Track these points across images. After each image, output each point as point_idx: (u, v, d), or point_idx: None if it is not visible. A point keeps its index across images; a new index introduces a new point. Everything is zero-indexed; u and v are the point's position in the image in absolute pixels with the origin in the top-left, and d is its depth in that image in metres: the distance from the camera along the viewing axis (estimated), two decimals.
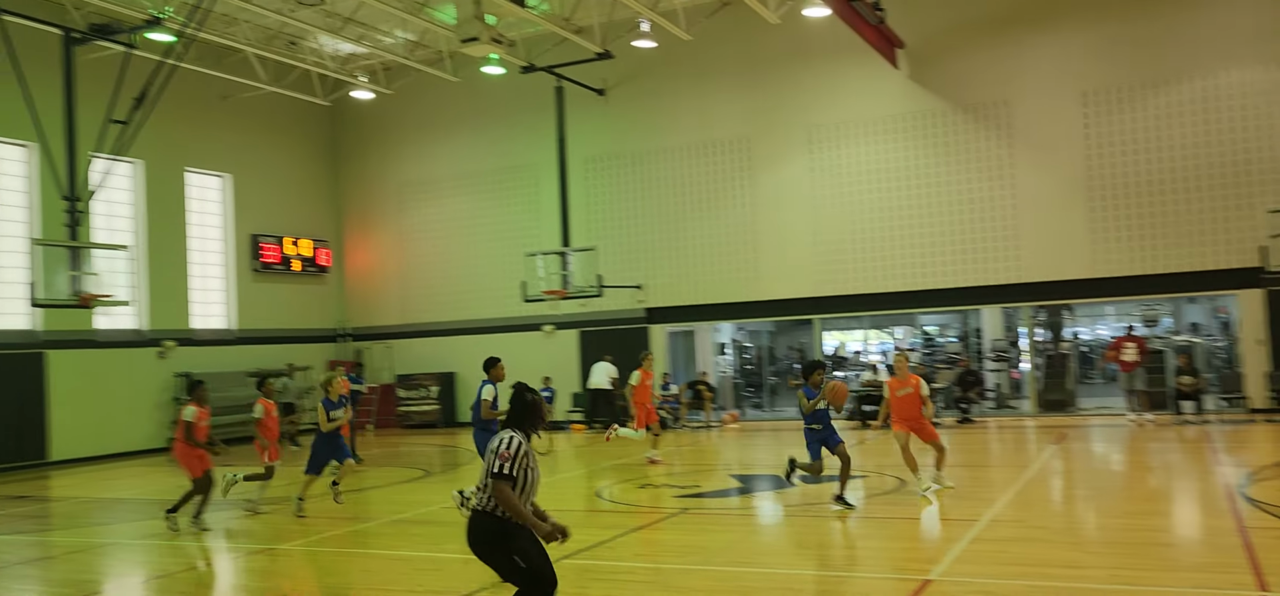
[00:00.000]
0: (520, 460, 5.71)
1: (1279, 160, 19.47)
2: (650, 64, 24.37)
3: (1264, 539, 8.68)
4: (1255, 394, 19.55)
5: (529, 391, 5.93)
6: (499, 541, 5.77)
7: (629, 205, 25.05)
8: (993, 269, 21.62)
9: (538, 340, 25.70)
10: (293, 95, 25.89)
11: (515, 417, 5.90)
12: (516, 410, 5.91)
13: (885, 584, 7.87)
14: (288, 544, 10.79)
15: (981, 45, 21.77)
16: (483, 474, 5.76)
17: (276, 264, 26.67)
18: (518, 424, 5.86)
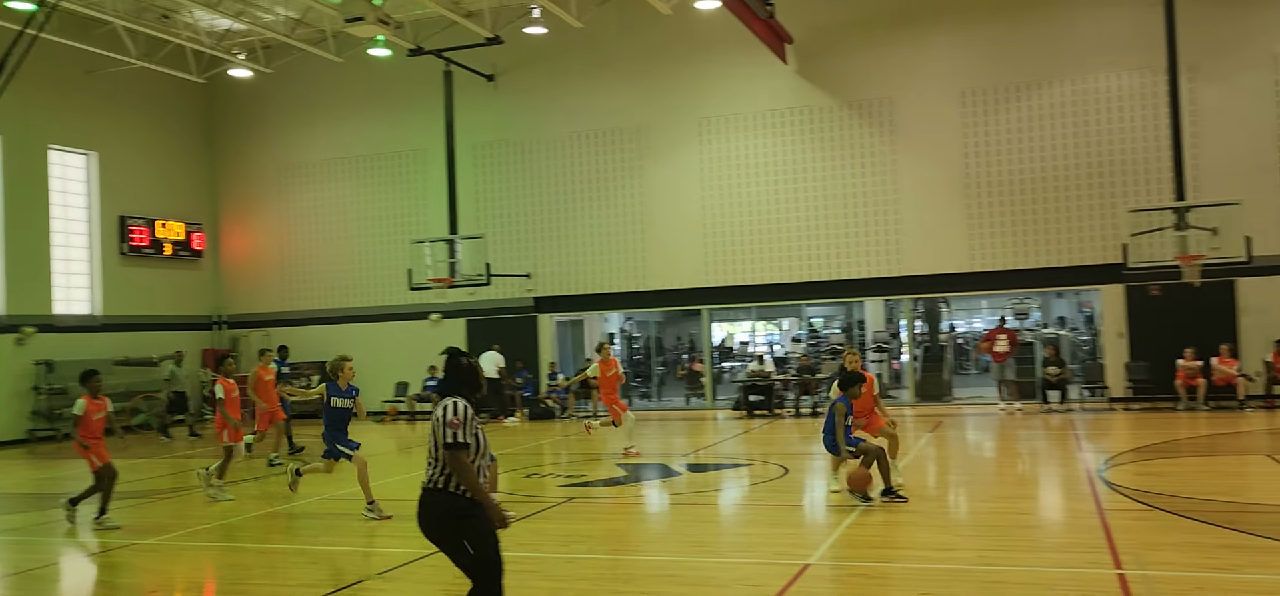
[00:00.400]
0: (470, 424, 5.41)
1: (1141, 162, 20.51)
2: (541, 51, 24.18)
3: (1120, 520, 9.11)
4: (1115, 384, 20.58)
5: (464, 355, 5.62)
6: (455, 520, 5.42)
7: (518, 193, 24.83)
8: (875, 262, 22.19)
9: (424, 329, 25.25)
10: (165, 71, 24.73)
11: (455, 384, 5.56)
12: (455, 376, 5.57)
13: (765, 569, 7.97)
14: (154, 538, 10.33)
15: (867, 43, 22.29)
16: (432, 449, 5.43)
17: (146, 247, 25.53)
18: (457, 390, 5.51)
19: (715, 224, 23.25)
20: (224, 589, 8.36)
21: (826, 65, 22.57)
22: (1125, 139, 20.64)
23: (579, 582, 7.76)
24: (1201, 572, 7.19)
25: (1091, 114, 20.85)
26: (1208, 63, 20.07)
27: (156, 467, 17.02)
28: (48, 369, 22.44)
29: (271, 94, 26.81)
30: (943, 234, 21.73)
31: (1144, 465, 12.75)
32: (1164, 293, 20.19)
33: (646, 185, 23.83)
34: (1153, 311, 20.44)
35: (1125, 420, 18.04)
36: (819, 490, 12.19)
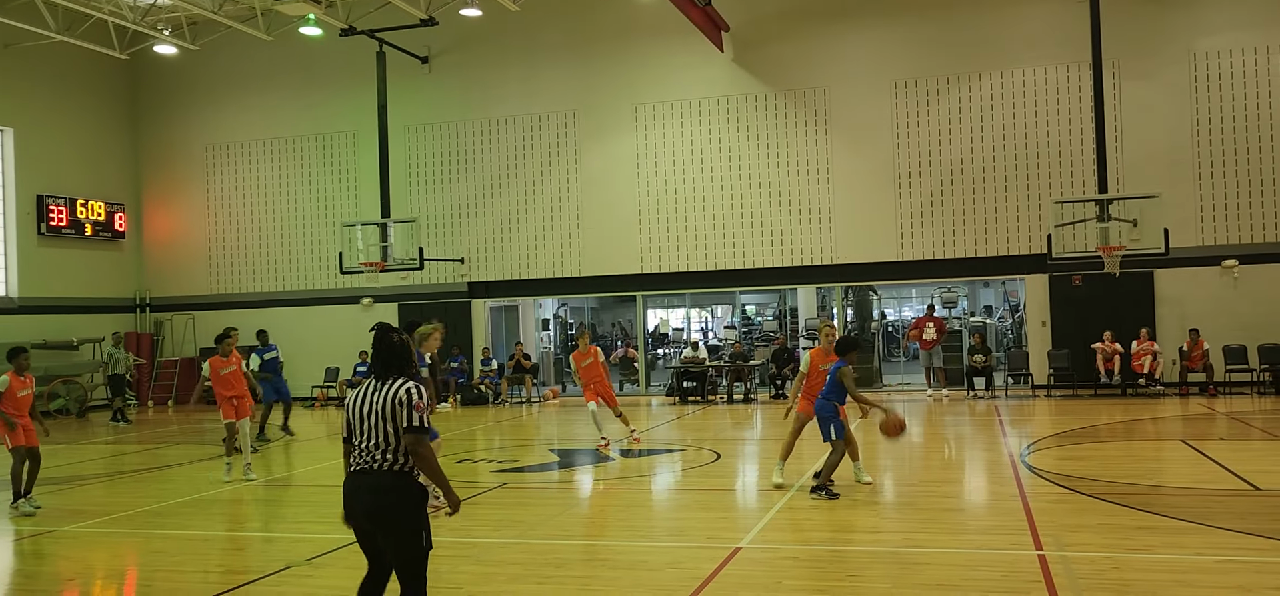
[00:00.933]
0: (430, 409, 5.22)
1: (1066, 154, 21.04)
2: (476, 33, 23.95)
3: (1041, 503, 9.37)
4: (1038, 371, 21.11)
5: (395, 331, 5.26)
6: (415, 510, 5.10)
7: (452, 177, 24.59)
8: (808, 250, 22.44)
9: (355, 313, 24.92)
10: (86, 46, 23.92)
11: (389, 362, 5.18)
12: (388, 354, 5.19)
13: (697, 552, 8.04)
14: (73, 525, 10.05)
15: (803, 33, 22.49)
16: (382, 433, 5.04)
17: (66, 228, 24.76)
18: (393, 370, 5.17)
19: (651, 210, 23.30)
20: (146, 576, 8.17)
21: (762, 54, 22.72)
22: (1051, 132, 21.16)
23: (511, 567, 7.75)
24: (1118, 553, 7.43)
25: (1019, 107, 21.33)
26: (1130, 59, 20.66)
27: (75, 453, 16.55)
28: None
29: (198, 72, 26.15)
30: (873, 223, 22.05)
31: (1065, 450, 13.11)
32: (1085, 283, 20.77)
33: (582, 171, 23.78)
34: (1075, 301, 21.01)
35: (1047, 406, 18.53)
36: (751, 475, 12.32)
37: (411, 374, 5.20)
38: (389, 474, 5.04)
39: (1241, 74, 20.24)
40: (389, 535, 5.07)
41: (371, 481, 5.03)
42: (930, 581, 6.94)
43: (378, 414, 5.06)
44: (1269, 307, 19.91)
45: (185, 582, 7.72)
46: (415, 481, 5.14)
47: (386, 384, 5.12)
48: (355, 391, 5.25)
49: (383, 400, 5.07)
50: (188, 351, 26.17)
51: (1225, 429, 14.84)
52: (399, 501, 5.06)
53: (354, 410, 5.16)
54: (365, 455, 5.08)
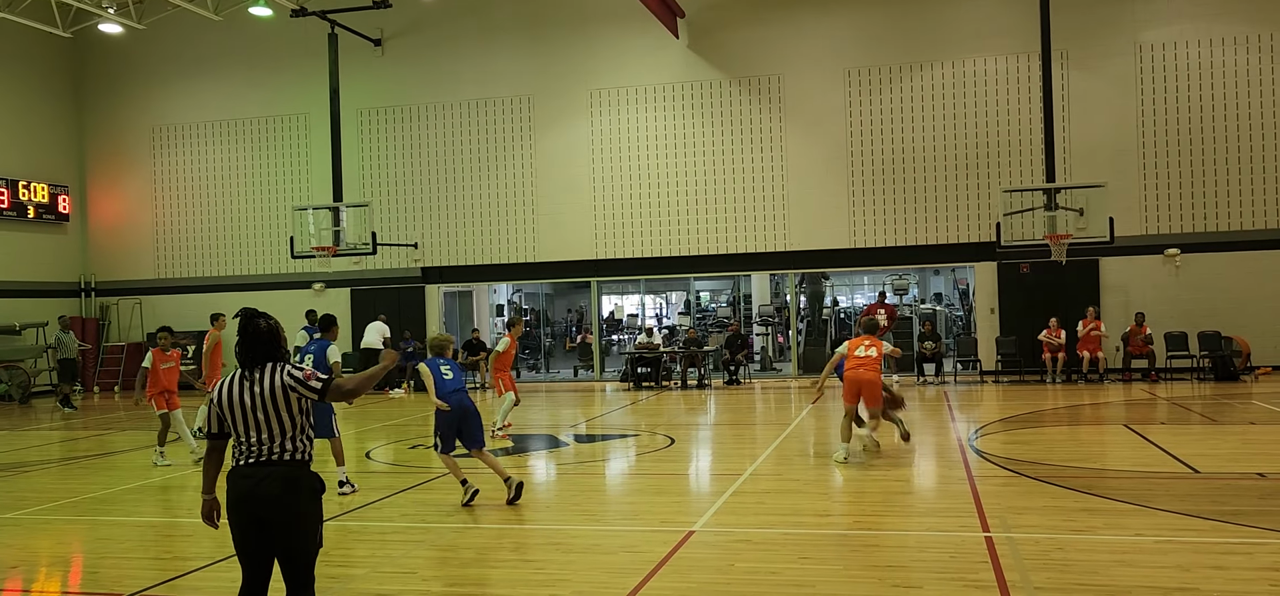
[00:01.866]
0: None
1: (1014, 143, 21.37)
2: (430, 16, 23.74)
3: (988, 486, 9.56)
4: (986, 357, 21.47)
5: (262, 316, 4.96)
6: (316, 501, 4.88)
7: (405, 161, 24.39)
8: (762, 237, 22.58)
9: (307, 298, 24.61)
10: (27, 23, 23.34)
11: (257, 351, 4.89)
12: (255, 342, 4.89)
13: (651, 536, 8.10)
14: (16, 511, 9.86)
15: (757, 19, 22.57)
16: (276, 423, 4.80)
17: (7, 210, 24.19)
18: (265, 357, 4.89)
19: (605, 196, 23.29)
20: (93, 563, 8.05)
21: (717, 41, 22.78)
22: (1001, 121, 21.48)
23: (466, 551, 7.75)
24: (1062, 534, 7.61)
25: (969, 96, 21.61)
26: (1077, 50, 21.02)
27: (20, 440, 16.21)
28: None
29: (145, 52, 25.64)
30: (826, 211, 22.25)
31: (1011, 434, 13.37)
32: (1033, 270, 21.15)
33: (537, 156, 23.70)
34: (1023, 288, 21.38)
35: (995, 392, 18.86)
36: (704, 460, 12.41)
37: (283, 357, 4.94)
38: (290, 463, 4.81)
39: (1185, 66, 20.69)
40: (292, 528, 4.79)
41: (272, 472, 4.77)
42: (880, 563, 7.06)
43: (265, 404, 4.79)
44: (1209, 295, 20.43)
45: (133, 569, 7.62)
46: (312, 472, 4.93)
47: (261, 373, 4.85)
48: (222, 384, 4.89)
49: (266, 390, 4.80)
50: (135, 337, 25.71)
51: (1166, 413, 15.23)
52: (303, 492, 4.83)
53: (227, 404, 4.83)
54: (257, 448, 4.80)
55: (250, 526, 4.78)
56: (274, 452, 4.80)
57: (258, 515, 4.75)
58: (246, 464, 4.82)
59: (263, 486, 4.75)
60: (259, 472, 4.78)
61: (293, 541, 4.81)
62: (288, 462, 4.82)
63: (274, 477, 4.77)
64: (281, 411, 4.81)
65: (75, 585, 7.51)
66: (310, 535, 4.87)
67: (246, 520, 4.77)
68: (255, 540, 4.80)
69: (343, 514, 9.32)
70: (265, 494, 4.74)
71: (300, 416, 4.87)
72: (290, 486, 4.79)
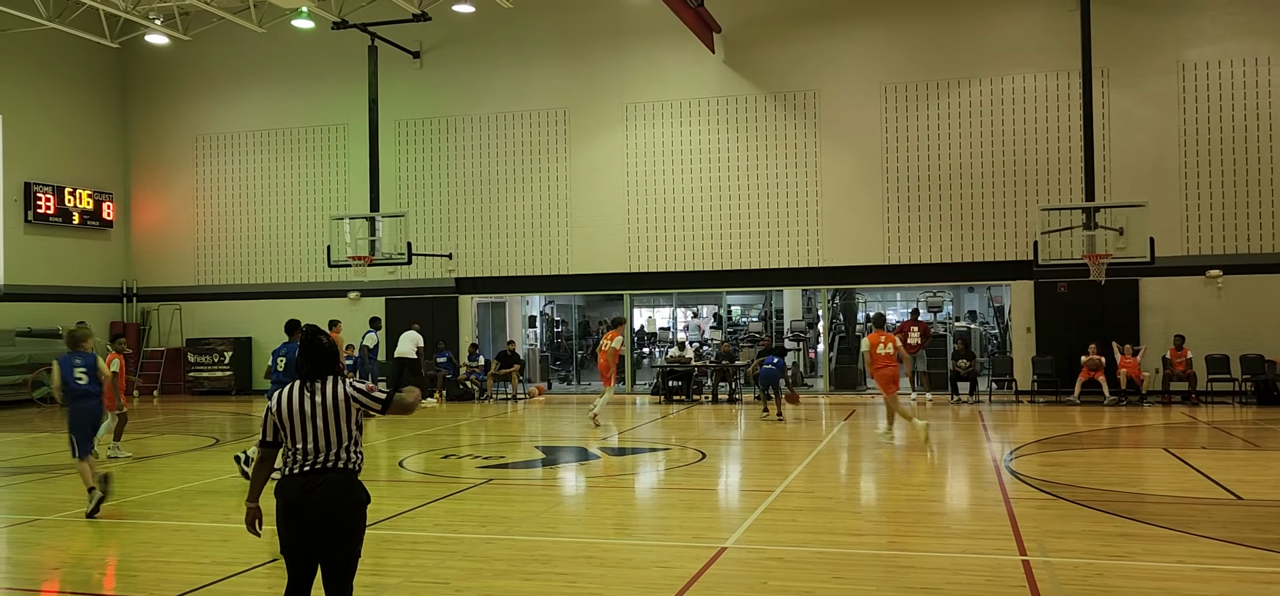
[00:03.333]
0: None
1: (1053, 161, 21.17)
2: (468, 29, 23.95)
3: (1024, 508, 9.45)
4: (1022, 377, 21.24)
5: (323, 333, 5.24)
6: (364, 510, 5.09)
7: (441, 172, 24.58)
8: (795, 252, 22.52)
9: (343, 307, 24.88)
10: (77, 34, 23.85)
11: (318, 365, 5.11)
12: (317, 357, 5.12)
13: (683, 551, 8.08)
14: (55, 514, 10.03)
15: (794, 35, 22.56)
16: (336, 432, 5.01)
17: (53, 216, 24.64)
18: (324, 371, 5.11)
19: (639, 209, 23.34)
20: (132, 566, 8.17)
21: (753, 56, 22.79)
22: (1039, 139, 21.29)
23: (497, 563, 7.77)
24: (1101, 560, 7.51)
25: (1007, 114, 21.45)
26: (1118, 68, 20.81)
27: (59, 441, 16.48)
28: None
29: (189, 62, 26.06)
30: (861, 226, 22.15)
31: (1048, 456, 13.22)
32: (1071, 290, 20.92)
33: (571, 168, 23.80)
34: (1060, 308, 21.15)
35: (1031, 412, 18.66)
36: (735, 475, 12.38)
37: (341, 371, 5.18)
38: (345, 471, 5.02)
39: (1229, 85, 20.41)
40: (341, 534, 4.99)
41: (327, 479, 4.96)
42: (915, 584, 7.00)
43: (327, 414, 5.00)
44: (1252, 317, 20.10)
45: (171, 573, 7.71)
46: (361, 482, 5.12)
47: (322, 385, 5.06)
48: (282, 394, 5.09)
49: (329, 401, 5.02)
50: (174, 342, 26.08)
51: (1207, 437, 14.99)
52: (357, 500, 5.05)
53: (289, 413, 5.03)
54: (315, 456, 4.98)
55: (301, 531, 4.95)
56: (329, 461, 4.98)
57: (310, 521, 4.93)
58: (300, 472, 4.98)
59: (317, 493, 4.93)
60: (314, 480, 4.95)
61: (339, 548, 4.99)
62: (341, 470, 5.00)
63: (329, 484, 4.95)
64: (341, 422, 5.02)
65: (113, 588, 7.62)
66: (356, 543, 5.05)
67: (299, 525, 4.95)
68: (304, 544, 4.97)
69: (375, 523, 9.38)
70: (319, 500, 4.93)
71: (356, 429, 5.09)
72: (343, 494, 4.99)
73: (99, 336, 24.75)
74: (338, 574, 5.01)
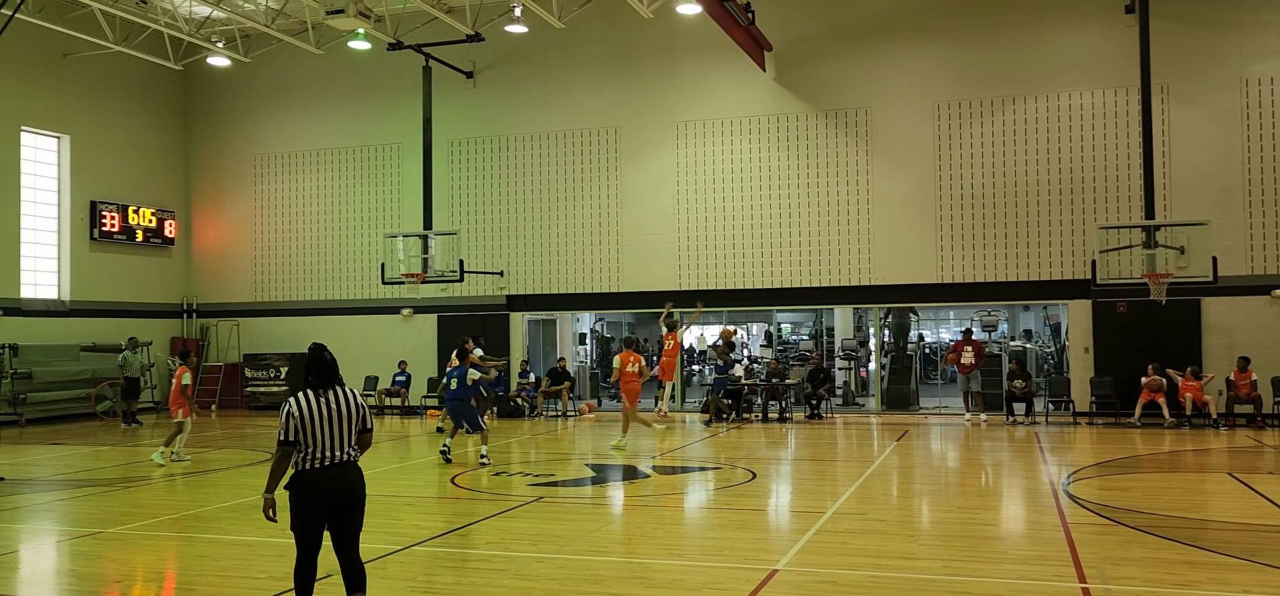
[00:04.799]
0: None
1: (1111, 179, 20.80)
2: (520, 49, 24.18)
3: (1083, 533, 9.26)
4: (1080, 399, 20.84)
5: (326, 349, 6.29)
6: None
7: (493, 190, 24.81)
8: (846, 271, 22.36)
9: (395, 324, 25.20)
10: (142, 56, 24.51)
11: (328, 376, 6.18)
12: (328, 369, 6.21)
13: (733, 573, 8.04)
14: (119, 527, 10.26)
15: (845, 52, 22.46)
16: (350, 432, 6.12)
17: (117, 233, 25.29)
18: (332, 381, 6.20)
19: (689, 227, 23.34)
20: (191, 579, 8.32)
21: (804, 74, 22.72)
22: (1096, 156, 20.93)
23: (548, 582, 7.79)
24: (1164, 588, 7.33)
25: (1064, 130, 21.13)
26: (1179, 83, 20.40)
27: (122, 455, 16.87)
28: (13, 353, 22.16)
29: (248, 83, 26.63)
30: (913, 244, 21.93)
31: (1107, 480, 12.94)
32: (1130, 310, 20.50)
33: (622, 187, 23.89)
34: (1118, 328, 20.73)
35: (1089, 434, 18.29)
36: (786, 496, 12.29)
37: (342, 380, 6.26)
38: (355, 462, 6.15)
39: None
40: (358, 510, 6.16)
41: (349, 470, 6.09)
42: None
43: (344, 417, 6.09)
44: None
45: (231, 588, 7.84)
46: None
47: (337, 392, 6.12)
48: (301, 400, 6.05)
49: (345, 405, 6.11)
50: (232, 357, 26.57)
51: (1274, 462, 14.57)
52: (363, 483, 6.22)
53: (309, 416, 6.00)
54: (333, 451, 6.03)
55: (325, 512, 6.04)
56: (345, 455, 6.08)
57: (336, 503, 6.04)
58: (319, 465, 6.01)
59: (343, 479, 6.06)
60: (337, 470, 6.04)
61: (356, 520, 6.16)
62: (353, 462, 6.15)
63: (351, 470, 6.11)
64: (352, 423, 6.13)
65: None
66: (362, 514, 6.22)
67: (324, 508, 6.03)
68: (320, 523, 6.07)
69: (426, 540, 9.46)
70: (346, 484, 6.06)
71: (360, 429, 6.20)
72: (359, 478, 6.18)
73: (160, 351, 25.40)
74: (353, 540, 6.17)
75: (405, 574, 8.14)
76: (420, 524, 10.49)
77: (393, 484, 13.46)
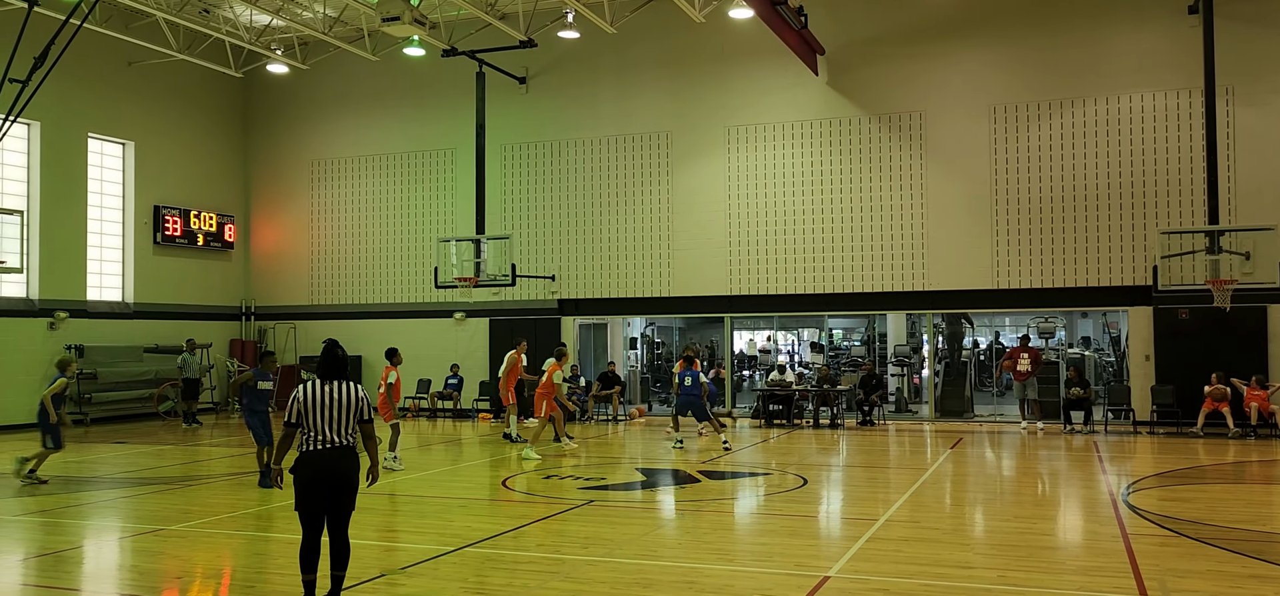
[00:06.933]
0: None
1: (1173, 183, 20.35)
2: (573, 54, 24.29)
3: (1144, 545, 9.06)
4: (1140, 407, 20.39)
5: (340, 346, 7.04)
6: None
7: (545, 195, 24.95)
8: (899, 276, 22.13)
9: (448, 327, 25.44)
10: (204, 64, 25.08)
11: (343, 370, 6.95)
12: (340, 364, 6.96)
13: (785, 580, 8.00)
14: (178, 524, 10.48)
15: (898, 56, 22.25)
16: (349, 420, 6.83)
17: (179, 237, 25.85)
18: (341, 375, 6.94)
19: (740, 232, 23.27)
20: (247, 577, 8.48)
21: (857, 77, 22.55)
22: (1158, 160, 20.50)
23: (599, 585, 7.81)
24: None
25: (1124, 133, 20.72)
26: (1244, 85, 19.91)
27: (184, 454, 17.23)
28: (79, 354, 22.75)
29: (306, 90, 27.09)
30: (968, 250, 21.64)
31: (1169, 490, 12.66)
32: (1193, 317, 20.03)
33: (673, 191, 23.89)
34: (1181, 335, 20.27)
35: (1149, 444, 17.89)
36: (837, 502, 12.19)
37: (348, 376, 6.95)
38: (352, 447, 6.85)
39: None
40: (352, 492, 6.85)
41: (344, 454, 6.78)
42: None
43: (343, 407, 6.79)
44: None
45: (285, 585, 7.97)
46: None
47: (340, 385, 6.84)
48: (305, 388, 6.80)
49: (345, 397, 6.82)
50: (288, 359, 27.02)
51: None
52: (358, 467, 6.92)
53: (311, 403, 6.76)
54: (331, 436, 6.74)
55: (325, 492, 6.73)
56: (343, 440, 6.79)
57: (334, 483, 6.74)
58: (320, 448, 6.74)
59: (342, 462, 6.77)
60: (336, 453, 6.75)
61: (349, 500, 6.86)
62: (351, 447, 6.85)
63: (348, 455, 6.82)
64: (351, 413, 6.85)
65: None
66: (354, 495, 6.92)
67: (325, 487, 6.73)
68: (322, 504, 6.76)
69: (478, 542, 9.54)
70: (344, 469, 6.77)
71: (359, 419, 6.92)
72: (355, 462, 6.89)
73: (220, 354, 25.90)
74: (345, 520, 6.88)
75: (458, 574, 8.21)
76: (472, 525, 10.58)
77: (446, 486, 13.60)
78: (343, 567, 6.91)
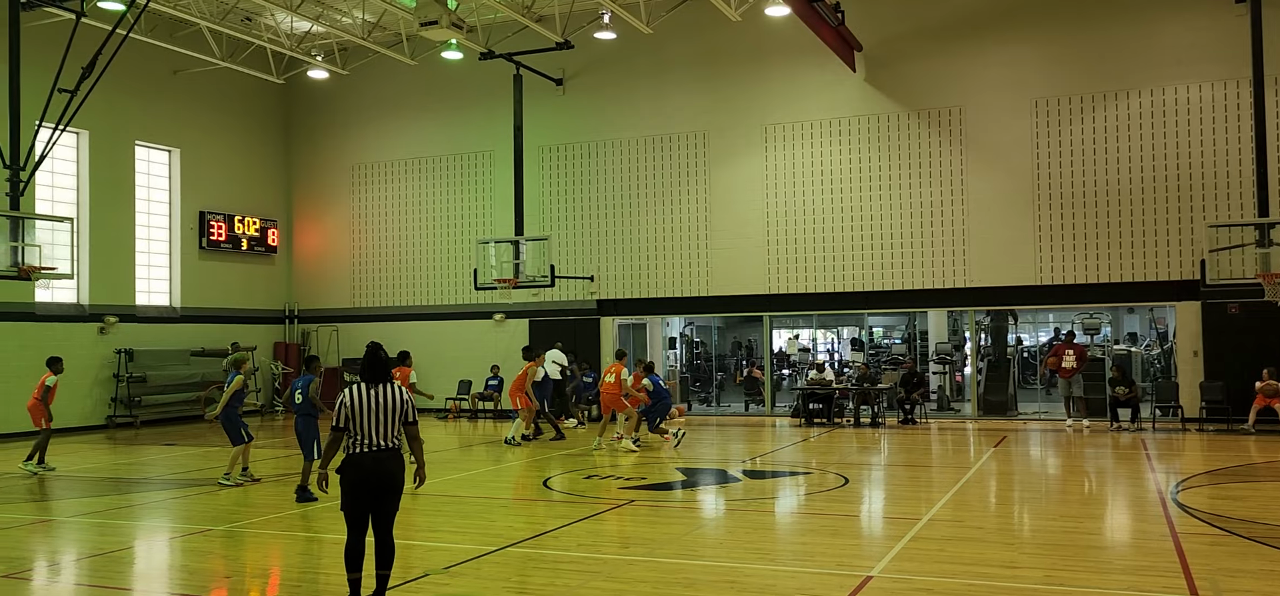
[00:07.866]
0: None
1: (1221, 176, 19.98)
2: (609, 55, 24.34)
3: (1194, 544, 8.91)
4: (1189, 404, 20.04)
5: (382, 349, 7.11)
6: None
7: (583, 196, 25.02)
8: (940, 273, 21.93)
9: (488, 328, 25.59)
10: (246, 72, 25.46)
11: (385, 372, 6.99)
12: (383, 366, 7.02)
13: (828, 578, 7.96)
14: (225, 525, 10.64)
15: (937, 51, 22.04)
16: (385, 422, 6.83)
17: (224, 242, 26.24)
18: (388, 377, 7.01)
19: (778, 230, 23.18)
20: (293, 577, 8.59)
21: (895, 73, 22.37)
22: (1205, 152, 20.13)
23: (640, 585, 7.82)
24: None
25: (1170, 125, 20.38)
26: None
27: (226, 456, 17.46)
28: (128, 357, 23.18)
29: (346, 95, 27.38)
30: (1010, 245, 21.39)
31: (1219, 488, 12.44)
32: (1243, 311, 19.65)
33: (711, 190, 23.85)
34: (1231, 330, 19.89)
35: (1198, 441, 17.58)
36: (879, 501, 12.11)
37: (392, 379, 7.02)
38: (398, 450, 6.94)
39: None
40: (397, 493, 6.91)
41: (390, 456, 6.86)
42: None
43: (388, 410, 6.84)
44: None
45: (329, 585, 8.07)
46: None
47: (384, 387, 6.89)
48: (351, 391, 6.86)
49: (390, 399, 6.87)
50: (331, 362, 27.32)
51: None
52: (403, 467, 7.02)
53: (358, 406, 6.82)
54: (377, 439, 6.80)
55: (371, 493, 6.81)
56: (389, 442, 6.86)
57: (380, 485, 6.81)
58: (367, 451, 6.81)
59: (387, 464, 6.84)
60: (381, 455, 6.82)
61: (394, 502, 6.93)
62: (397, 449, 6.94)
63: (394, 457, 6.89)
64: (396, 415, 6.89)
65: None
66: (399, 497, 6.97)
67: (371, 488, 6.81)
68: (367, 504, 6.84)
69: (520, 541, 9.59)
70: (389, 470, 6.85)
71: (404, 421, 6.95)
72: (401, 464, 6.98)
73: (264, 356, 26.24)
74: (388, 522, 6.93)
75: (500, 574, 8.27)
76: (514, 525, 10.65)
77: (488, 486, 13.69)
78: (388, 567, 6.97)
